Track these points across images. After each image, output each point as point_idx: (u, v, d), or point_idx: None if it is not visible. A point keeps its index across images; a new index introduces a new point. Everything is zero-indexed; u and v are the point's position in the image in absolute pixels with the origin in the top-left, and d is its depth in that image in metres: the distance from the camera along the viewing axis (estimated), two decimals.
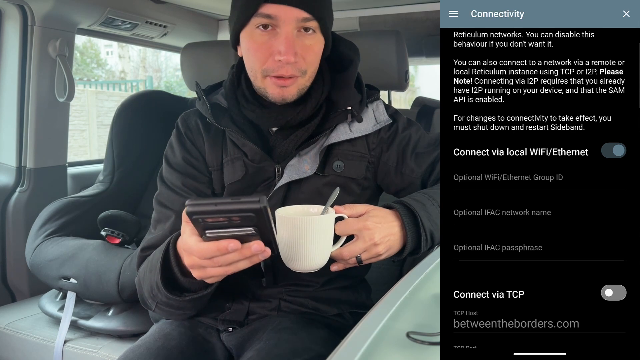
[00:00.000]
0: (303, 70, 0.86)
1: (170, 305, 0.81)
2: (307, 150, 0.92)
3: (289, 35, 0.83)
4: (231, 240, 0.63)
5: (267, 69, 0.85)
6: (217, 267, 0.67)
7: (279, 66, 0.84)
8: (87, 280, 1.27)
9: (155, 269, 0.79)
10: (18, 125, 1.59)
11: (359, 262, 0.79)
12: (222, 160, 0.95)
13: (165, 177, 0.96)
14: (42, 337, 1.31)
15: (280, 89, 0.87)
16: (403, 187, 0.97)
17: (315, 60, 0.88)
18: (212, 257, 0.66)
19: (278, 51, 0.83)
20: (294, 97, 0.88)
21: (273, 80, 0.86)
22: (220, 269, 0.68)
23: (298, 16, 0.83)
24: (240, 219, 0.61)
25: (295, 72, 0.85)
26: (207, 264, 0.67)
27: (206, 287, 0.78)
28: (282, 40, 0.83)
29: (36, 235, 1.42)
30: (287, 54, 0.82)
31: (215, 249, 0.64)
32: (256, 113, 0.91)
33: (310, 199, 0.90)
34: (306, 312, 0.93)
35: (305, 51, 0.86)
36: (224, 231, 0.63)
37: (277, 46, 0.83)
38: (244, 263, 0.68)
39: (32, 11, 1.52)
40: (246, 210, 0.59)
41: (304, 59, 0.86)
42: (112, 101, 7.58)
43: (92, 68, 13.74)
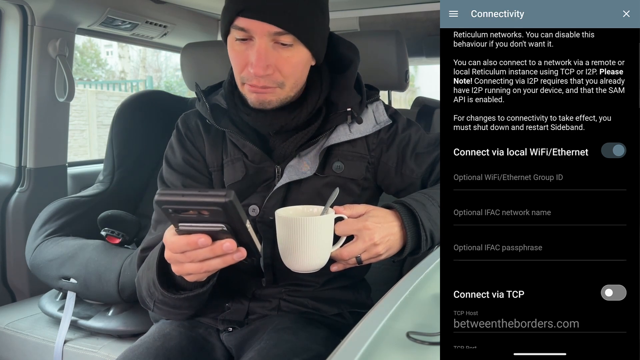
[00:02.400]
0: (279, 82, 0.85)
1: (167, 303, 0.81)
2: (307, 151, 0.92)
3: (260, 49, 0.82)
4: (201, 235, 0.63)
5: (243, 77, 0.86)
6: (191, 264, 0.67)
7: (252, 77, 0.84)
8: (87, 280, 1.27)
9: (152, 267, 0.79)
10: (18, 125, 1.59)
11: (359, 263, 0.79)
12: (222, 161, 0.95)
13: (166, 178, 0.96)
14: (42, 337, 1.31)
15: (257, 94, 0.86)
16: (403, 187, 0.97)
17: (294, 72, 0.86)
18: (185, 252, 0.66)
19: (250, 62, 0.83)
20: (274, 105, 0.87)
21: (250, 87, 0.86)
22: (194, 265, 0.68)
23: (270, 30, 0.81)
24: (209, 213, 0.60)
25: (269, 83, 0.85)
26: (181, 258, 0.67)
27: (202, 286, 0.78)
28: (254, 53, 0.82)
29: (36, 235, 1.42)
30: (257, 67, 0.82)
31: (185, 242, 0.64)
32: (252, 117, 0.91)
33: (310, 200, 0.90)
34: (306, 312, 0.93)
35: (281, 63, 0.84)
36: (196, 225, 0.63)
37: (251, 57, 0.83)
38: (217, 262, 0.67)
39: (32, 11, 1.52)
40: (212, 203, 0.59)
41: (280, 72, 0.84)
42: (112, 101, 7.58)
43: (92, 68, 13.75)
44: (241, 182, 0.93)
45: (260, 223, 0.91)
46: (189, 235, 0.64)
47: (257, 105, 0.88)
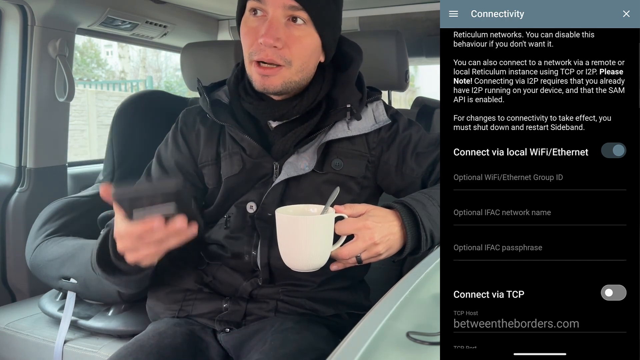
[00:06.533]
0: (287, 60, 0.87)
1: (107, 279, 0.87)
2: (305, 147, 0.92)
3: (273, 20, 0.85)
4: (156, 218, 0.69)
5: (252, 52, 0.87)
6: (148, 247, 0.72)
7: (261, 49, 0.85)
8: (87, 280, 1.27)
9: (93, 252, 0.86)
10: (18, 125, 1.59)
11: (359, 262, 0.79)
12: (218, 155, 0.96)
13: (153, 171, 1.00)
14: (42, 337, 1.30)
15: (263, 77, 0.88)
16: (403, 187, 0.97)
17: (302, 53, 0.88)
18: (142, 237, 0.71)
19: (261, 34, 0.84)
20: (277, 88, 0.88)
21: (256, 68, 0.87)
22: (152, 248, 0.72)
23: (285, 3, 0.84)
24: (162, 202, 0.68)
25: (276, 58, 0.86)
26: (137, 244, 0.72)
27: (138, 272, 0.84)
28: (266, 25, 0.85)
29: (36, 235, 1.42)
30: (267, 36, 0.84)
31: (142, 228, 0.69)
32: (254, 105, 0.92)
33: (309, 197, 0.90)
34: (304, 313, 0.93)
35: (291, 41, 0.86)
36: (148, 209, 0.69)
37: (262, 29, 0.85)
38: (173, 240, 0.73)
39: (32, 11, 1.52)
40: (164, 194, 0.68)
41: (289, 49, 0.86)
42: (112, 101, 7.58)
43: (92, 68, 13.74)
44: (238, 176, 0.93)
45: (258, 220, 0.92)
46: (145, 221, 0.69)
47: (260, 88, 0.89)
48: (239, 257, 0.94)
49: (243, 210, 0.94)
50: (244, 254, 0.93)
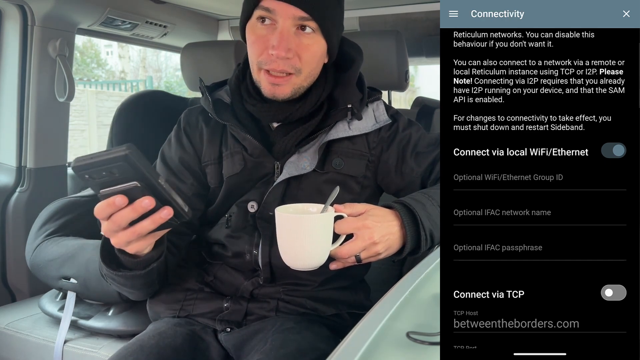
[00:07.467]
0: (297, 69, 0.87)
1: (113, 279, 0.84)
2: (306, 147, 0.93)
3: (284, 31, 0.84)
4: (118, 195, 0.65)
5: (261, 61, 0.87)
6: (124, 231, 0.68)
7: (272, 60, 0.85)
8: (87, 280, 1.27)
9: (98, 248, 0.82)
10: (18, 125, 1.59)
11: (358, 261, 0.79)
12: (220, 154, 0.96)
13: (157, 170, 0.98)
14: (42, 337, 1.30)
15: (273, 86, 0.88)
16: (403, 186, 0.97)
17: (312, 60, 0.88)
18: (109, 217, 0.67)
19: (272, 45, 0.84)
20: (287, 96, 0.89)
21: (266, 76, 0.87)
22: (127, 232, 0.68)
23: (295, 14, 0.84)
24: (119, 172, 0.63)
25: (287, 67, 0.86)
26: (111, 226, 0.68)
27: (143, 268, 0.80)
28: (277, 35, 0.84)
29: (36, 235, 1.42)
30: (279, 49, 0.84)
31: (105, 205, 0.65)
32: (257, 107, 0.92)
33: (310, 196, 0.90)
34: (305, 313, 0.93)
35: (301, 50, 0.86)
36: (113, 189, 0.65)
37: (272, 40, 0.85)
38: (147, 223, 0.67)
39: (32, 11, 1.52)
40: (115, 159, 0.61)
41: (299, 57, 0.86)
42: (112, 101, 7.59)
43: (92, 68, 13.75)
44: (239, 175, 0.94)
45: (259, 219, 0.92)
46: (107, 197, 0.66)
47: (270, 95, 0.89)
48: (240, 257, 0.94)
49: (244, 209, 0.94)
50: (245, 253, 0.93)
